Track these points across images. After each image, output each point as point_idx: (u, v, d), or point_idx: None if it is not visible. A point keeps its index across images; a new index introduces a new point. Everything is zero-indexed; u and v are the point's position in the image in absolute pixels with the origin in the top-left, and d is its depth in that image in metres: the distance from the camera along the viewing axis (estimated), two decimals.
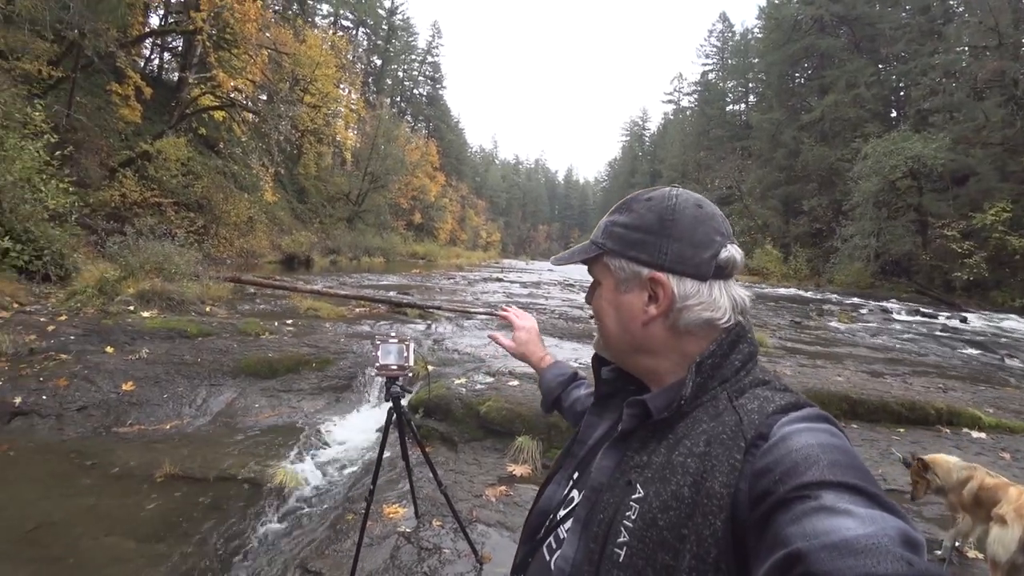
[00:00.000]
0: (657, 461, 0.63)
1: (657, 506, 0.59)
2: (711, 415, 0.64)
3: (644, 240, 0.72)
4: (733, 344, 0.69)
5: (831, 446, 0.53)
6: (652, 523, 0.58)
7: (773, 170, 37.22)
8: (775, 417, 0.59)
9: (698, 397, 0.66)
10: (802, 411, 0.60)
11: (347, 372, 5.22)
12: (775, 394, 0.64)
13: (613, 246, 0.75)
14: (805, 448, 0.53)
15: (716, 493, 0.55)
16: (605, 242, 0.76)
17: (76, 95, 13.19)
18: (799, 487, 0.49)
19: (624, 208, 0.77)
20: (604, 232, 0.77)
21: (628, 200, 0.77)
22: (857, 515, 0.44)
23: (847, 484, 0.48)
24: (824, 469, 0.50)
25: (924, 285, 22.34)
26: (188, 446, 3.80)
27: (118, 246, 7.75)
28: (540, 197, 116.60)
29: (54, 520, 2.80)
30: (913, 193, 24.22)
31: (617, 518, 0.62)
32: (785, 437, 0.56)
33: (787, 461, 0.52)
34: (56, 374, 4.41)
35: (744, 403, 0.63)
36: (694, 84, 61.31)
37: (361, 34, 50.97)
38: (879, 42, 32.69)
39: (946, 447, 4.07)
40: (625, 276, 0.74)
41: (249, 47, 17.13)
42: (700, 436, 0.62)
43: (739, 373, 0.68)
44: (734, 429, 0.60)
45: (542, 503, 0.82)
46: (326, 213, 31.88)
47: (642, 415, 0.69)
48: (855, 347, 8.45)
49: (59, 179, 7.93)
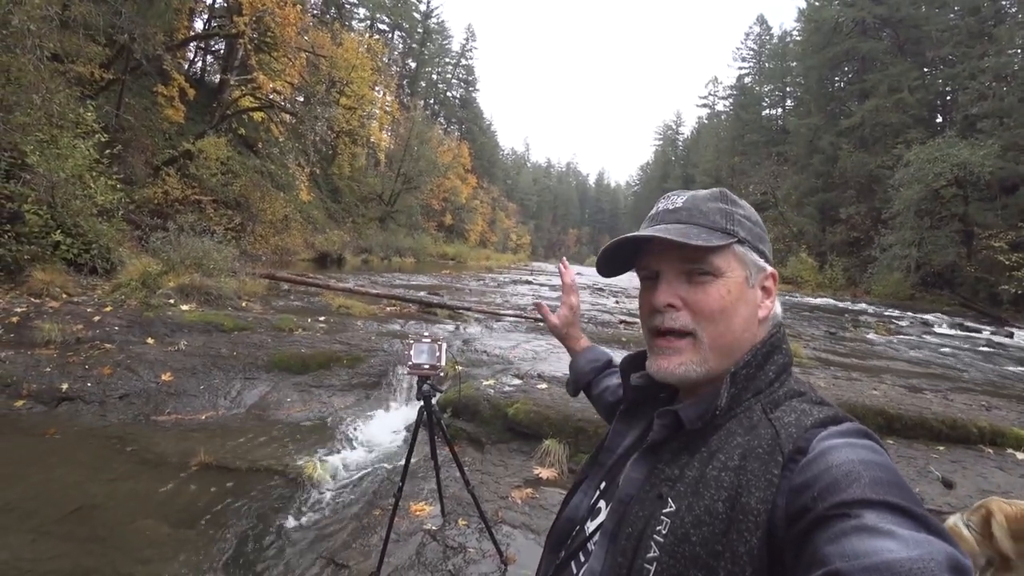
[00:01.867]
0: (690, 475, 0.62)
1: (690, 521, 0.57)
2: (745, 428, 0.62)
3: (764, 236, 0.73)
4: (768, 355, 0.68)
5: (873, 463, 0.51)
6: (684, 538, 0.57)
7: (810, 176, 36.28)
8: (814, 431, 0.57)
9: (732, 408, 0.65)
10: (842, 425, 0.58)
11: (377, 370, 5.30)
12: (812, 407, 0.62)
13: (746, 235, 0.71)
14: (846, 464, 0.51)
15: (752, 509, 0.54)
16: (737, 230, 0.70)
17: (125, 96, 13.76)
18: (839, 504, 0.47)
19: (730, 200, 0.73)
20: (731, 220, 0.71)
21: (726, 192, 0.74)
22: (900, 537, 0.42)
23: (890, 503, 0.46)
24: (866, 487, 0.48)
25: (968, 298, 21.41)
26: (222, 436, 3.92)
27: (160, 241, 8.04)
28: (571, 201, 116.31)
29: (95, 502, 2.92)
30: (958, 202, 23.26)
31: (647, 532, 0.60)
32: (824, 452, 0.54)
33: (827, 477, 0.51)
34: (101, 362, 4.61)
35: (780, 416, 0.61)
36: (729, 88, 60.28)
37: (397, 37, 51.76)
38: (924, 45, 31.55)
39: (988, 467, 3.90)
40: (756, 269, 0.71)
41: (288, 50, 17.61)
42: (735, 450, 0.60)
43: (773, 384, 0.66)
44: (771, 443, 0.58)
45: (568, 512, 0.80)
46: (359, 213, 32.43)
47: (673, 426, 0.67)
48: (893, 360, 8.17)
49: (108, 176, 8.26)
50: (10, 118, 7.04)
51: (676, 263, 0.70)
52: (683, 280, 0.70)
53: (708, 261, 0.68)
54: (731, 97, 59.19)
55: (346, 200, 32.39)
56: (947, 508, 2.52)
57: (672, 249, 0.69)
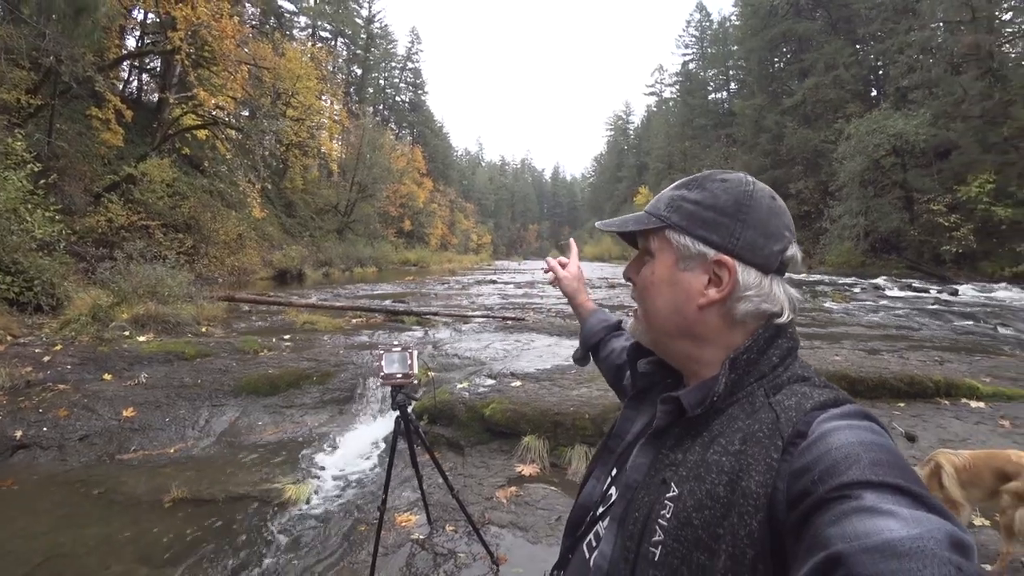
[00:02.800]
0: (692, 459, 0.62)
1: (692, 505, 0.58)
2: (747, 412, 0.62)
3: (716, 220, 0.69)
4: (771, 339, 0.68)
5: (873, 444, 0.51)
6: (687, 522, 0.57)
7: (758, 155, 37.49)
8: (814, 414, 0.58)
9: (733, 394, 0.65)
10: (842, 407, 0.59)
11: (348, 384, 5.21)
12: (814, 390, 0.62)
13: (679, 221, 0.71)
14: (845, 446, 0.51)
15: (752, 493, 0.54)
16: (670, 216, 0.72)
17: (56, 122, 13.06)
18: (839, 487, 0.47)
19: (695, 185, 0.73)
20: (670, 205, 0.73)
21: (698, 178, 0.74)
22: (901, 516, 0.42)
23: (890, 484, 0.46)
24: (865, 468, 0.48)
25: (914, 260, 22.56)
26: (194, 469, 3.78)
27: (109, 272, 7.68)
28: (528, 197, 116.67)
29: (63, 552, 2.78)
30: (897, 170, 24.45)
31: (652, 516, 0.61)
32: (824, 435, 0.54)
33: (826, 460, 0.51)
34: (55, 405, 4.38)
35: (781, 400, 0.61)
36: (675, 75, 61.74)
37: (340, 44, 50.78)
38: (855, 23, 33.01)
39: (946, 418, 4.13)
40: (689, 254, 0.70)
41: (228, 64, 17.03)
42: (736, 434, 0.60)
43: (776, 369, 0.66)
44: (771, 427, 0.58)
45: (582, 498, 0.81)
46: (315, 226, 31.75)
47: (676, 412, 0.67)
48: (850, 326, 8.52)
49: (44, 208, 7.85)
50: None
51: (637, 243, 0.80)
52: (640, 260, 0.78)
53: (647, 243, 0.76)
54: (677, 84, 60.61)
55: (301, 214, 31.66)
56: (912, 462, 2.65)
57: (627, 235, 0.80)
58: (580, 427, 3.78)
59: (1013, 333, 8.34)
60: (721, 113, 50.49)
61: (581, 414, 3.81)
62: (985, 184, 19.80)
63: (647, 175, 62.24)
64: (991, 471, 2.25)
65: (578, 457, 3.59)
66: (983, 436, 3.75)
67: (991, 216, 19.36)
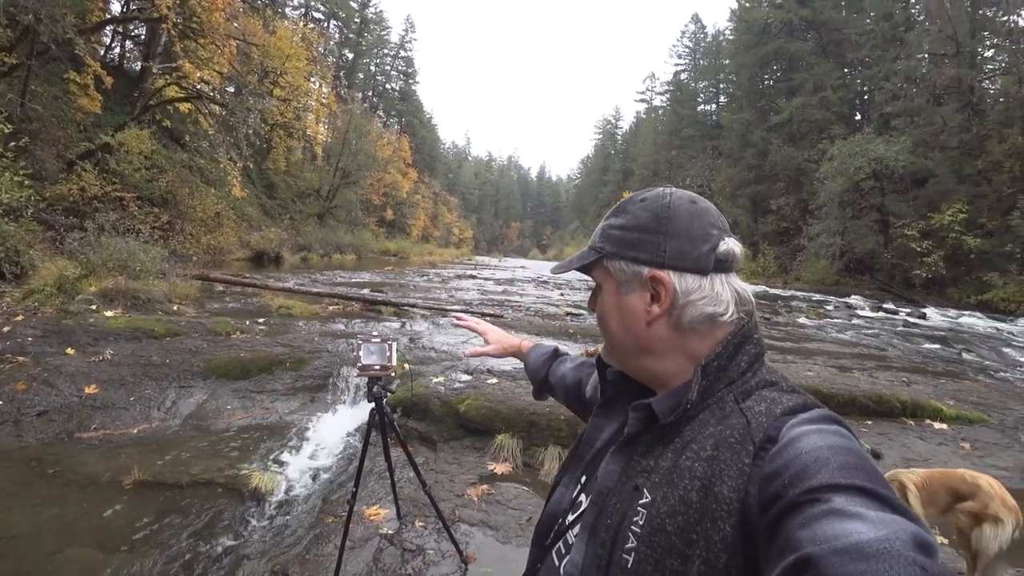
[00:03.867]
0: (664, 465, 0.63)
1: (665, 511, 0.58)
2: (718, 418, 0.63)
3: (641, 240, 0.72)
4: (739, 345, 0.69)
5: (841, 448, 0.52)
6: (660, 528, 0.58)
7: (743, 169, 38.04)
8: (784, 419, 0.59)
9: (704, 400, 0.66)
10: (810, 412, 0.60)
11: (322, 372, 5.12)
12: (782, 395, 0.63)
13: (611, 249, 0.74)
14: (815, 450, 0.52)
15: (725, 498, 0.55)
16: (603, 246, 0.75)
17: (31, 83, 12.57)
18: (809, 490, 0.48)
19: (620, 211, 0.76)
20: (601, 236, 0.77)
21: (623, 203, 0.77)
22: (868, 518, 0.43)
23: (857, 487, 0.47)
24: (834, 472, 0.49)
25: (886, 282, 23.18)
26: (158, 451, 3.67)
27: (78, 242, 7.42)
28: (513, 194, 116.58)
29: (15, 532, 2.67)
30: (876, 194, 25.09)
31: (625, 523, 0.61)
32: (794, 439, 0.55)
33: (796, 464, 0.52)
34: (13, 378, 4.21)
35: (751, 405, 0.62)
36: (666, 84, 62.15)
37: (333, 27, 50.02)
38: (845, 47, 33.71)
39: (911, 438, 4.23)
40: (626, 277, 0.73)
41: (217, 37, 16.59)
42: (707, 440, 0.61)
43: (745, 374, 0.67)
44: (742, 432, 0.59)
45: (551, 506, 0.81)
46: (296, 209, 31.22)
47: (647, 419, 0.68)
48: (823, 343, 8.69)
49: (13, 171, 7.56)
50: None
51: None
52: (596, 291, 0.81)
53: (594, 277, 0.79)
54: (668, 93, 61.06)
55: (282, 196, 31.10)
56: None
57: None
58: (555, 428, 3.77)
59: (976, 359, 8.61)
60: (709, 125, 51.06)
61: (556, 415, 3.81)
62: (957, 214, 20.42)
63: (632, 180, 62.60)
64: (945, 489, 2.32)
65: (551, 458, 3.58)
66: (945, 457, 3.86)
67: (961, 245, 19.96)
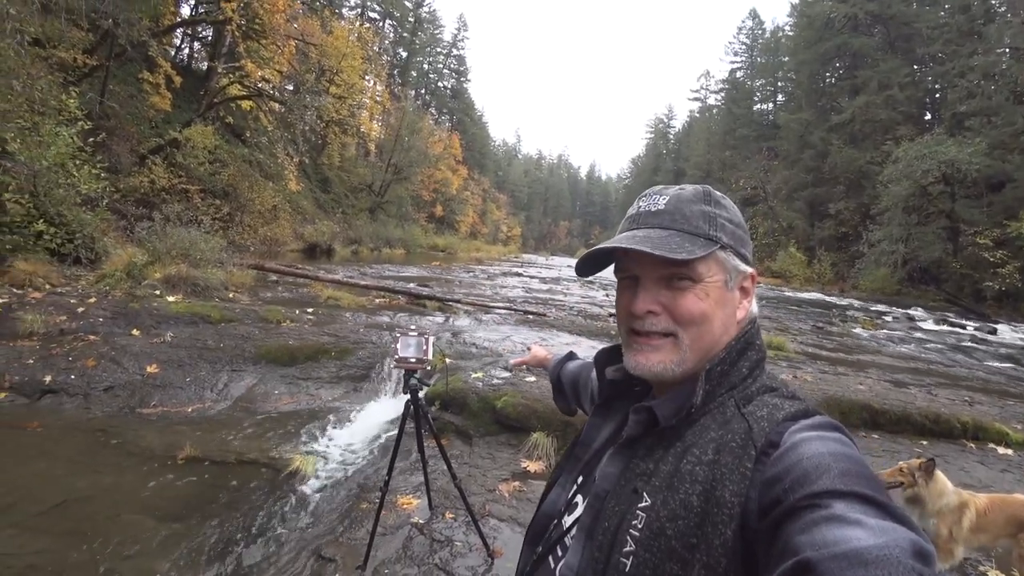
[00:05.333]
0: (665, 469, 0.63)
1: (665, 515, 0.58)
2: (719, 423, 0.63)
3: (746, 239, 0.73)
4: (742, 351, 0.69)
5: (842, 455, 0.53)
6: (660, 532, 0.58)
7: (800, 171, 36.54)
8: (785, 424, 0.59)
9: (706, 404, 0.66)
10: (812, 419, 0.60)
11: (365, 362, 5.27)
12: (784, 401, 0.64)
13: (728, 240, 0.70)
14: (816, 456, 0.52)
15: (726, 502, 0.55)
16: (720, 236, 0.70)
17: (109, 83, 13.45)
18: (809, 496, 0.49)
19: (714, 201, 0.72)
20: (714, 224, 0.70)
21: (707, 192, 0.73)
22: (868, 525, 0.44)
23: (858, 494, 0.47)
24: (835, 478, 0.49)
25: (953, 294, 21.73)
26: (208, 429, 3.88)
27: (146, 231, 7.92)
28: (562, 193, 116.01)
29: (78, 496, 2.89)
30: (945, 199, 23.54)
31: (623, 527, 0.61)
32: (796, 445, 0.55)
33: (797, 469, 0.52)
34: (85, 354, 4.54)
35: (753, 410, 0.63)
36: (721, 82, 60.33)
37: (388, 26, 51.16)
38: (915, 42, 31.73)
39: (971, 462, 3.97)
40: (737, 273, 0.71)
41: (277, 37, 17.37)
42: (709, 444, 0.61)
43: (746, 380, 0.68)
44: (744, 437, 0.59)
45: (546, 507, 0.80)
46: (348, 203, 32.15)
47: (648, 422, 0.68)
48: (879, 355, 8.27)
49: (91, 165, 8.10)
50: None
51: (657, 268, 0.69)
52: (662, 285, 0.69)
53: (690, 267, 0.68)
54: (723, 91, 59.27)
55: (336, 190, 32.08)
56: None
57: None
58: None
59: None
60: (765, 125, 49.30)
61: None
62: None
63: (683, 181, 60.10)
64: (1006, 517, 2.20)
65: None
66: (1008, 485, 3.59)
67: None
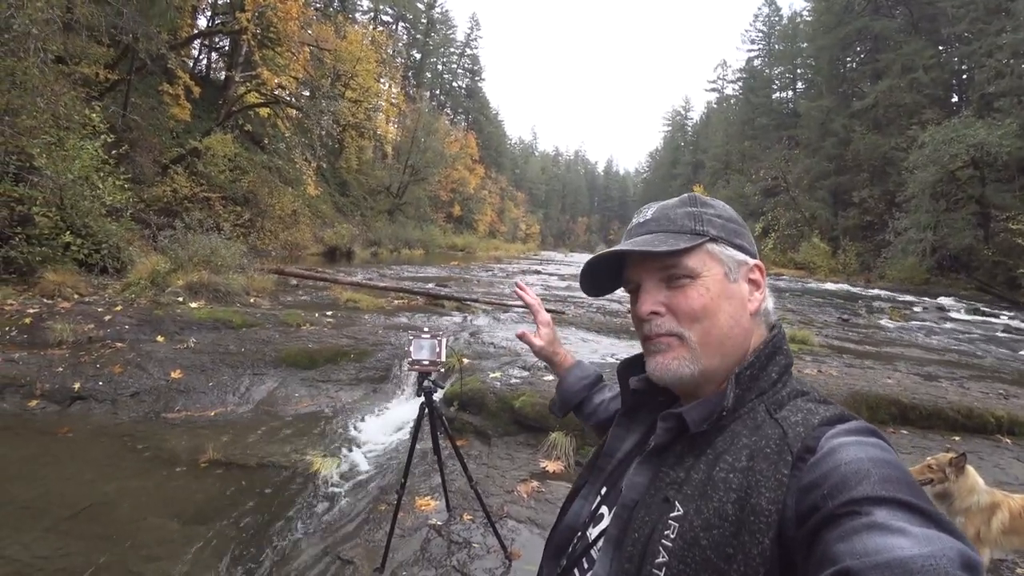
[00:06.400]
0: (696, 477, 0.61)
1: (699, 525, 0.57)
2: (751, 428, 0.62)
3: (740, 231, 0.73)
4: (771, 355, 0.68)
5: (882, 460, 0.51)
6: (694, 542, 0.56)
7: (822, 160, 35.76)
8: (822, 429, 0.57)
9: (736, 410, 0.64)
10: (849, 423, 0.58)
11: (384, 364, 5.31)
12: (818, 406, 0.61)
13: (718, 233, 0.71)
14: (855, 462, 0.51)
15: (763, 510, 0.54)
16: (707, 229, 0.70)
17: (131, 96, 13.82)
18: (849, 502, 0.47)
19: (700, 203, 0.73)
20: (700, 220, 0.71)
21: (692, 197, 0.75)
22: (912, 534, 0.42)
23: (900, 500, 0.46)
24: (875, 484, 0.47)
25: (985, 282, 21.02)
26: (231, 433, 3.95)
27: (169, 240, 8.10)
28: (579, 189, 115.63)
29: (106, 500, 2.96)
30: (975, 183, 22.77)
31: (654, 537, 0.60)
32: (833, 450, 0.54)
33: (836, 475, 0.50)
34: (112, 361, 4.66)
35: (787, 415, 0.61)
36: (739, 71, 59.29)
37: (401, 28, 51.55)
38: (939, 22, 30.79)
39: (1006, 458, 3.83)
40: (734, 264, 0.71)
41: (292, 45, 17.60)
42: (742, 450, 0.60)
43: (776, 385, 0.66)
44: (778, 442, 0.58)
45: (568, 519, 0.79)
46: (367, 206, 32.50)
47: (677, 429, 0.66)
48: (907, 347, 8.05)
49: (115, 176, 8.32)
50: (16, 121, 7.08)
51: (654, 271, 0.71)
52: (663, 287, 0.71)
53: (682, 264, 0.69)
54: (740, 80, 58.28)
55: (354, 193, 32.46)
56: None
57: (647, 259, 0.71)
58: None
59: None
60: (785, 113, 48.34)
61: None
62: None
63: (702, 174, 60.35)
64: None
65: None
66: None
67: None
